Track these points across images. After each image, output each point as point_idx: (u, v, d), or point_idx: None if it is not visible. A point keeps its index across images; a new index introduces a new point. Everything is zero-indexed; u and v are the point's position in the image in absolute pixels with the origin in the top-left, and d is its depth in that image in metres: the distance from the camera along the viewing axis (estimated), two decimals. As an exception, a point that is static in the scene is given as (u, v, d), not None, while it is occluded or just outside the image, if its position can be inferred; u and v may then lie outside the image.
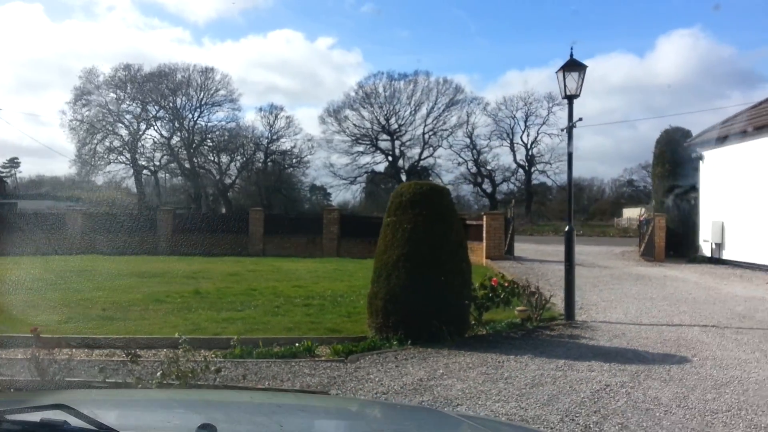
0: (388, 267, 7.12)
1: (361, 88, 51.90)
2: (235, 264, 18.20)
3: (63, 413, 1.27)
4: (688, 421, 4.15)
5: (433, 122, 51.51)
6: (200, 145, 52.85)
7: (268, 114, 52.25)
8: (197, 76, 50.64)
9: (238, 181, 55.16)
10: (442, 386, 5.05)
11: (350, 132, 52.28)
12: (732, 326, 7.64)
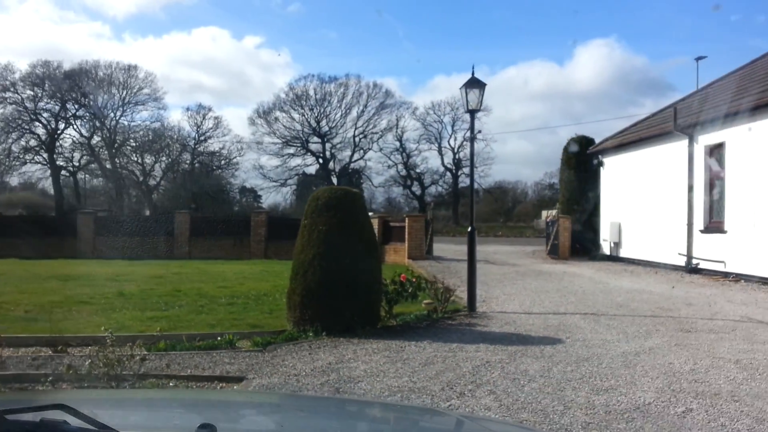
0: (304, 265, 7.78)
1: (291, 89, 52.10)
2: (159, 267, 18.28)
3: (63, 413, 1.26)
4: (545, 387, 5.05)
5: (363, 125, 52.36)
6: (123, 145, 51.26)
7: (196, 114, 51.41)
8: (120, 73, 49.21)
9: (163, 183, 53.86)
10: (348, 368, 5.77)
11: (280, 134, 52.34)
12: (608, 314, 8.79)
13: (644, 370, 5.56)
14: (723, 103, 13.84)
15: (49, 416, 1.25)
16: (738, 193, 13.08)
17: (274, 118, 51.89)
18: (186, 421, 1.72)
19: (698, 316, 8.50)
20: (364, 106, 51.78)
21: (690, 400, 4.66)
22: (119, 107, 50.51)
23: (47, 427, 1.22)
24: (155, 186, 53.61)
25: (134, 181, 52.93)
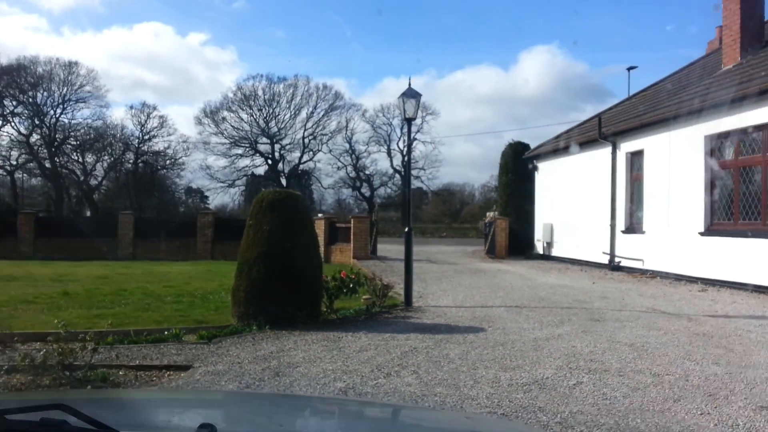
0: (249, 263, 8.27)
1: (239, 89, 51.78)
2: (103, 267, 18.25)
3: (63, 413, 1.26)
4: (461, 367, 5.73)
5: (313, 127, 52.53)
6: (63, 143, 49.71)
7: (140, 112, 50.39)
8: (60, 70, 47.75)
9: (105, 183, 52.54)
10: (288, 355, 6.31)
11: (228, 134, 51.91)
12: (530, 306, 9.62)
13: (549, 352, 6.33)
14: (642, 113, 15.04)
15: (49, 416, 1.24)
16: (654, 196, 14.26)
17: (221, 117, 51.52)
18: (186, 421, 1.73)
19: (609, 308, 9.42)
20: (313, 107, 52.07)
21: (582, 375, 5.43)
22: (59, 104, 49.01)
23: (47, 427, 1.21)
24: (97, 186, 52.24)
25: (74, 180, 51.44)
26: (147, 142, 51.53)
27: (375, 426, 1.81)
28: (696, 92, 13.45)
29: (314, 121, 52.31)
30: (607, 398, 4.74)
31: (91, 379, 5.48)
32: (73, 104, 49.13)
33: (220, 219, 26.92)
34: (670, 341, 6.87)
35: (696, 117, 12.34)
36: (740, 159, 11.76)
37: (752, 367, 5.70)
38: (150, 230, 24.92)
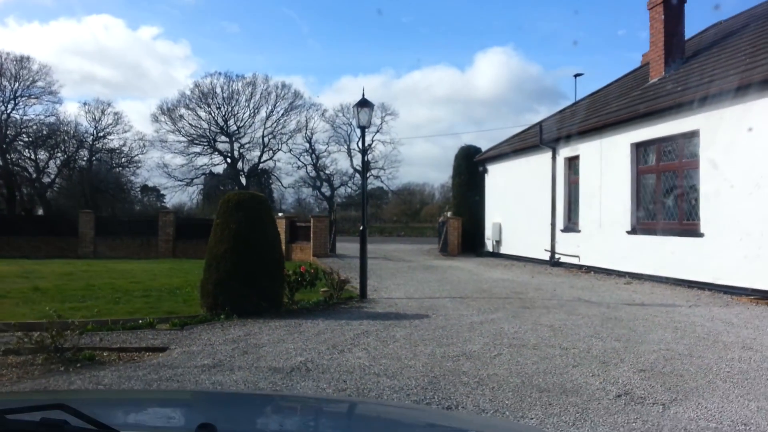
0: (217, 258, 9.08)
1: (197, 87, 51.64)
2: (66, 265, 18.61)
3: (63, 413, 1.27)
4: (405, 345, 6.72)
5: (272, 126, 52.65)
6: (14, 140, 48.68)
7: (94, 109, 49.78)
8: (11, 64, 46.75)
9: (58, 180, 51.63)
10: (255, 338, 7.18)
11: (186, 132, 51.68)
12: (472, 297, 10.70)
13: (481, 333, 7.39)
14: (579, 121, 16.38)
15: (49, 416, 1.25)
16: (589, 198, 15.59)
17: (178, 115, 51.22)
18: (186, 421, 1.74)
19: (540, 298, 10.59)
20: (273, 106, 52.23)
21: (504, 349, 6.49)
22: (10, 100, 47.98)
23: (47, 427, 1.21)
24: (50, 184, 51.30)
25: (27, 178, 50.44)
26: (101, 139, 50.88)
27: (375, 426, 1.80)
28: (625, 103, 14.82)
29: (274, 120, 52.55)
30: (520, 365, 5.80)
31: (80, 358, 6.24)
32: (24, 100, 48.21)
33: (181, 218, 27.35)
34: (585, 323, 8.02)
35: (623, 126, 13.69)
36: (661, 164, 13.13)
37: (646, 343, 6.86)
38: (111, 229, 25.20)
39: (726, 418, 4.27)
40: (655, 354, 6.23)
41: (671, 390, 4.95)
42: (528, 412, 4.39)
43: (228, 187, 56.52)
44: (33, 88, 47.69)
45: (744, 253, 10.47)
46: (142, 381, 5.34)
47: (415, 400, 4.71)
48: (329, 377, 5.38)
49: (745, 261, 10.46)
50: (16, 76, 47.44)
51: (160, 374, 5.57)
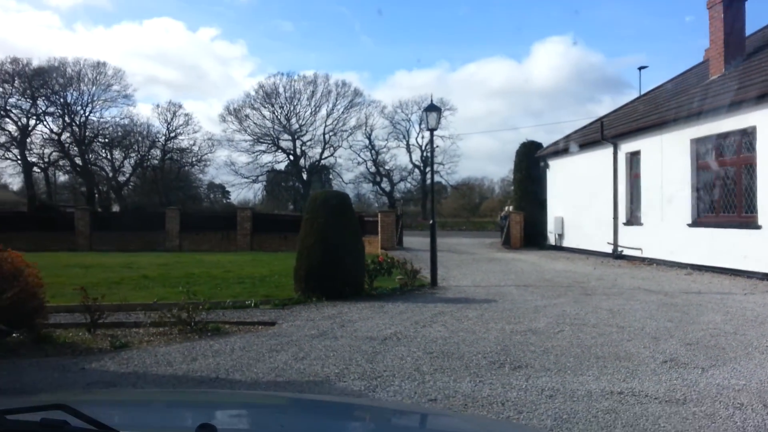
0: (307, 248, 10.36)
1: (261, 87, 53.73)
2: (158, 257, 20.51)
3: (63, 413, 1.27)
4: (477, 322, 7.75)
5: (333, 123, 54.17)
6: (92, 141, 52.07)
7: (165, 110, 52.70)
8: (88, 70, 50.15)
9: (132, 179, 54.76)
10: (347, 316, 8.39)
11: (251, 131, 53.84)
12: (536, 285, 11.59)
13: (545, 314, 8.32)
14: (640, 117, 16.84)
15: (49, 416, 1.25)
16: (651, 192, 16.07)
17: (244, 115, 53.39)
18: (186, 421, 1.75)
19: (601, 286, 11.36)
20: (333, 104, 53.65)
21: (566, 327, 7.42)
22: (88, 103, 51.30)
23: (48, 427, 1.21)
24: (125, 182, 54.53)
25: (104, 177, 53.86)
26: (173, 139, 53.65)
27: (375, 426, 1.81)
28: (685, 100, 15.22)
29: (334, 118, 53.99)
30: (580, 339, 6.73)
31: (209, 329, 7.58)
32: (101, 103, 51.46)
33: (257, 214, 29.13)
34: (642, 308, 8.81)
35: (683, 122, 14.16)
36: (720, 160, 13.55)
37: (696, 323, 7.63)
38: (193, 224, 27.21)
39: (755, 379, 5.10)
40: (703, 332, 7.02)
41: (712, 358, 5.79)
42: (586, 371, 5.36)
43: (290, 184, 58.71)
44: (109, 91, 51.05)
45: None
46: (265, 345, 6.59)
47: (491, 361, 5.75)
48: (417, 344, 6.49)
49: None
50: (93, 80, 50.95)
51: (279, 340, 6.83)
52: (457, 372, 5.37)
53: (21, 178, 52.34)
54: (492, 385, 4.95)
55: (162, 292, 11.31)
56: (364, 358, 5.93)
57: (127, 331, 7.60)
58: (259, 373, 5.40)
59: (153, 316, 7.97)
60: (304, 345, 6.57)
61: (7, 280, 6.57)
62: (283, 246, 25.19)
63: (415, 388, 4.89)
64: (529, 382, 5.01)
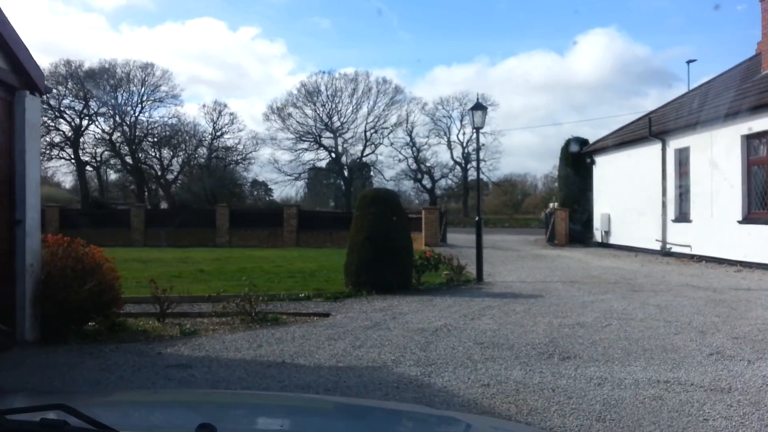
0: (358, 245, 10.75)
1: (303, 86, 54.48)
2: (210, 252, 21.31)
3: (63, 413, 1.27)
4: (525, 316, 7.98)
5: (374, 120, 54.44)
6: (142, 140, 53.78)
7: (211, 110, 54.02)
8: (137, 71, 51.83)
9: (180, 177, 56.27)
10: (397, 308, 8.73)
11: (294, 129, 54.59)
12: (582, 281, 11.69)
13: (592, 309, 8.49)
14: (688, 113, 16.63)
15: (49, 416, 1.26)
16: (700, 188, 15.88)
17: (287, 114, 54.24)
18: (186, 421, 1.74)
19: (649, 283, 11.39)
20: (374, 101, 53.93)
21: (614, 321, 7.58)
22: (138, 104, 53.05)
23: (48, 427, 1.21)
24: (173, 180, 56.12)
25: (153, 175, 55.60)
26: (219, 138, 54.96)
27: (375, 426, 1.81)
28: (735, 95, 14.97)
29: (375, 115, 54.24)
30: (627, 332, 6.90)
31: (268, 319, 8.04)
32: (150, 103, 53.13)
33: (302, 211, 29.79)
34: (689, 304, 8.87)
35: (733, 118, 13.96)
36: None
37: (744, 318, 7.68)
38: (241, 220, 28.05)
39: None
40: (750, 327, 7.09)
41: (758, 352, 5.90)
42: (633, 362, 5.56)
43: (331, 181, 59.42)
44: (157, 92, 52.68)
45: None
46: (323, 334, 6.99)
47: (540, 352, 6.00)
48: (467, 335, 6.79)
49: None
50: (142, 81, 52.67)
51: (335, 330, 7.22)
52: (507, 361, 5.65)
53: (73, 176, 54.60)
54: (542, 373, 5.21)
55: (219, 285, 11.87)
56: (418, 347, 6.26)
57: (192, 321, 8.12)
58: (320, 359, 5.80)
59: (217, 306, 8.50)
60: (360, 335, 6.94)
61: (88, 272, 7.13)
62: (327, 242, 25.74)
63: (468, 374, 5.19)
64: (578, 372, 5.24)
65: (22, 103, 6.46)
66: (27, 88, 6.52)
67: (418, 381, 5.02)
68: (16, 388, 4.90)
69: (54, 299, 6.70)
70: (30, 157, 6.57)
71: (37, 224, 6.73)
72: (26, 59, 6.47)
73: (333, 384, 4.92)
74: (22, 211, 6.48)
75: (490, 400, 4.51)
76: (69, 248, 7.28)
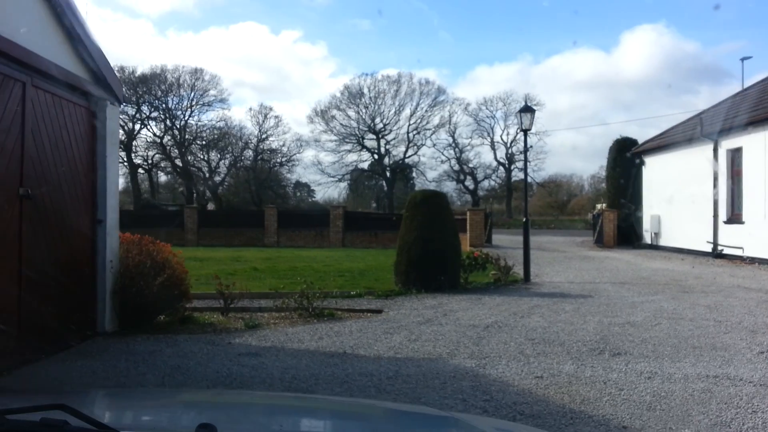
0: (407, 244, 11.06)
1: (346, 89, 55.10)
2: (261, 252, 21.98)
3: (63, 413, 1.28)
4: (574, 315, 8.14)
5: (416, 122, 54.57)
6: (191, 144, 55.36)
7: (257, 113, 55.25)
8: (187, 76, 53.43)
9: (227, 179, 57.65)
10: (447, 306, 9.01)
11: (337, 131, 55.26)
12: (631, 282, 11.71)
13: (642, 309, 8.57)
14: (741, 113, 16.33)
15: (49, 416, 1.26)
16: (753, 189, 15.58)
17: (330, 116, 54.97)
18: (186, 421, 1.76)
19: (699, 284, 11.33)
20: (417, 102, 54.08)
21: (663, 320, 7.67)
22: (188, 108, 54.72)
23: (48, 427, 1.21)
24: (221, 182, 57.56)
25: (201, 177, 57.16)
26: (264, 141, 56.14)
27: (375, 426, 1.81)
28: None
29: (418, 116, 54.37)
30: (677, 331, 7.00)
31: (324, 314, 8.43)
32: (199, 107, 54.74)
33: (348, 212, 30.31)
34: (740, 304, 8.85)
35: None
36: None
37: (799, 320, 7.66)
38: (289, 221, 28.75)
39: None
40: (805, 327, 7.09)
41: (812, 351, 5.94)
42: (683, 359, 5.70)
43: (373, 182, 59.87)
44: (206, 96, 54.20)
45: None
46: (378, 329, 7.33)
47: (590, 348, 6.19)
48: (518, 331, 7.02)
49: None
50: (192, 86, 54.28)
51: (389, 325, 7.55)
52: (558, 356, 5.86)
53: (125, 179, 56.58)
54: (593, 367, 5.41)
55: (273, 283, 12.40)
56: (471, 341, 6.53)
57: (253, 315, 8.58)
58: (379, 350, 6.14)
59: (276, 302, 8.95)
60: (414, 329, 7.25)
61: (160, 267, 7.68)
62: (373, 243, 26.16)
63: (521, 367, 5.44)
64: (628, 366, 5.43)
65: (103, 112, 7.02)
66: (107, 98, 7.09)
67: (474, 372, 5.30)
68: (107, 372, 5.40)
69: (129, 292, 7.24)
70: (110, 162, 7.14)
71: (115, 223, 7.30)
72: (106, 70, 7.03)
73: (393, 372, 5.25)
74: (103, 211, 7.04)
75: (543, 390, 4.76)
76: (140, 245, 7.84)
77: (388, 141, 56.04)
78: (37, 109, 5.75)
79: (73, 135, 6.49)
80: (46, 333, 5.92)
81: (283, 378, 5.12)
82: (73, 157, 6.48)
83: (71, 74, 6.28)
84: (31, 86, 5.64)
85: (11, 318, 5.35)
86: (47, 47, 5.84)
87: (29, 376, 5.25)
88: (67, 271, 6.38)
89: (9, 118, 5.32)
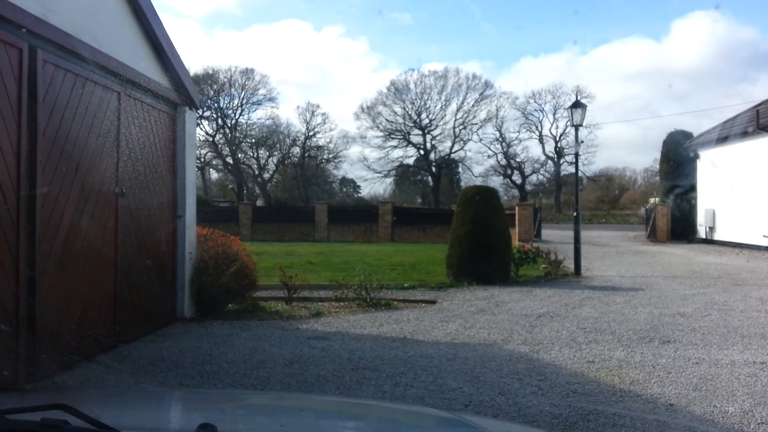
0: (459, 238, 11.44)
1: (393, 84, 55.17)
2: (312, 247, 22.67)
3: (63, 413, 1.28)
4: (625, 306, 8.36)
5: (463, 116, 54.10)
6: (242, 142, 56.71)
7: (305, 111, 56.17)
8: (238, 76, 54.76)
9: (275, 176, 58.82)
10: (498, 297, 9.36)
11: (384, 127, 55.31)
12: (683, 276, 11.76)
13: (693, 301, 8.72)
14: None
15: (49, 416, 1.26)
16: (813, 183, 15.25)
17: (377, 112, 55.16)
18: (186, 421, 1.77)
19: (753, 278, 11.30)
20: (463, 97, 53.57)
21: (714, 311, 7.83)
22: (239, 107, 56.13)
23: (48, 427, 1.21)
24: (269, 178, 58.79)
25: (251, 174, 58.56)
26: (311, 138, 57.04)
27: (375, 426, 1.81)
28: None
29: (464, 111, 53.90)
30: (726, 321, 7.17)
31: (381, 304, 8.91)
32: (249, 106, 56.05)
33: (397, 207, 30.80)
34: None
35: None
36: None
37: None
38: (339, 216, 29.46)
39: None
40: None
41: None
42: (731, 347, 5.91)
43: (418, 178, 60.04)
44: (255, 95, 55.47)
45: None
46: (434, 317, 7.76)
47: (641, 336, 6.46)
48: (570, 321, 7.33)
49: None
50: (243, 86, 55.62)
51: (444, 314, 7.97)
52: (609, 343, 6.16)
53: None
54: (643, 354, 5.70)
55: (329, 275, 12.97)
56: (524, 329, 6.89)
57: (314, 304, 9.14)
58: (437, 336, 6.57)
59: (336, 292, 9.50)
60: (468, 318, 7.65)
61: (231, 258, 8.31)
62: (421, 238, 26.56)
63: (573, 353, 5.78)
64: (677, 353, 5.69)
65: (182, 117, 7.68)
66: (186, 104, 7.74)
67: (528, 356, 5.67)
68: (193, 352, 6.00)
69: (205, 282, 7.90)
70: (188, 163, 7.80)
71: (193, 218, 7.95)
72: (185, 78, 7.67)
73: (452, 355, 5.67)
74: (183, 207, 7.70)
75: (595, 372, 5.09)
76: (212, 239, 8.50)
77: (434, 136, 55.91)
78: (129, 116, 6.41)
79: (158, 138, 7.15)
80: (136, 317, 6.58)
81: (351, 358, 5.61)
82: (157, 158, 7.14)
83: (157, 83, 6.93)
84: (125, 95, 6.30)
85: (110, 302, 6.03)
86: (137, 59, 6.49)
87: (126, 355, 5.90)
88: (152, 262, 7.04)
89: (107, 124, 5.98)
